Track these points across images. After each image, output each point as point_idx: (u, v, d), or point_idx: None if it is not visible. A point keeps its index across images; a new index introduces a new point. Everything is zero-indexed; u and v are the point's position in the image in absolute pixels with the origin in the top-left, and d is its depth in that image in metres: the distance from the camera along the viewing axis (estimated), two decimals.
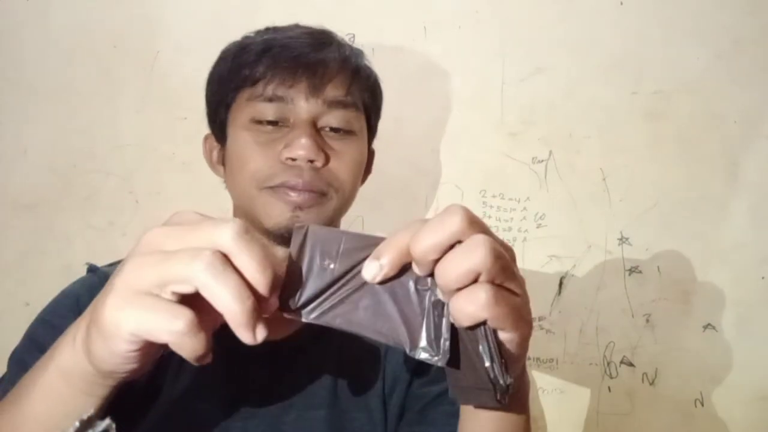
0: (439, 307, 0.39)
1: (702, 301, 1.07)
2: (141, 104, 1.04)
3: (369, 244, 0.39)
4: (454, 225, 0.36)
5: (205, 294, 0.34)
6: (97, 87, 1.04)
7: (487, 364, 0.37)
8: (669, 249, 1.07)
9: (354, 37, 1.02)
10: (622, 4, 1.04)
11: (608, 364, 1.08)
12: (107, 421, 0.37)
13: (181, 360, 0.64)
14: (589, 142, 1.06)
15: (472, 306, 0.36)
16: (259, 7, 1.01)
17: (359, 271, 0.39)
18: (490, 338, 0.38)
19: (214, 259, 0.33)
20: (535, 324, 1.08)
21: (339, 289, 0.39)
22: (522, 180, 1.07)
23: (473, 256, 0.35)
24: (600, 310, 1.08)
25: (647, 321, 1.08)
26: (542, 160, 1.07)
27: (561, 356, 1.09)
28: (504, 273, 0.36)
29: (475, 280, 0.36)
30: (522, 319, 0.38)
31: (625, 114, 1.06)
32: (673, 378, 1.08)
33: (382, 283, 0.38)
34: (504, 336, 0.38)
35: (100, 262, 0.73)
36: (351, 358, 0.68)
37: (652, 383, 1.08)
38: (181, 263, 0.34)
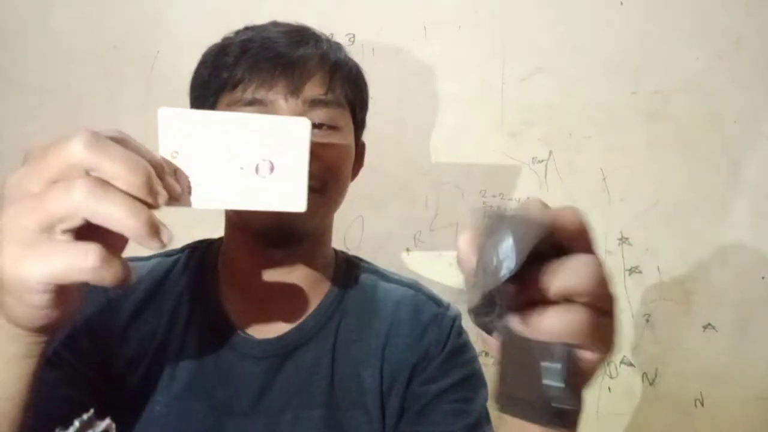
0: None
1: (702, 301, 1.07)
2: (141, 104, 1.04)
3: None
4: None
5: (97, 221, 0.33)
6: (98, 87, 1.04)
7: (558, 384, 0.34)
8: (669, 249, 1.07)
9: (354, 37, 1.02)
10: (622, 4, 1.04)
11: (608, 364, 1.08)
12: (107, 421, 0.37)
13: (176, 361, 0.65)
14: (589, 142, 1.06)
15: (560, 326, 0.33)
16: (259, 8, 1.01)
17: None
18: (565, 358, 0.34)
19: (89, 184, 0.32)
20: None
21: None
22: (522, 180, 1.07)
23: (576, 276, 0.32)
24: None
25: (647, 321, 1.08)
26: (542, 160, 1.07)
27: None
28: (601, 296, 0.33)
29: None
30: (608, 340, 0.35)
31: (625, 114, 1.06)
32: (673, 378, 1.08)
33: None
34: (583, 355, 0.35)
35: None
36: (348, 356, 0.68)
37: (652, 383, 1.08)
38: (58, 200, 0.32)
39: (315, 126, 0.64)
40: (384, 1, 1.04)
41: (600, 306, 0.33)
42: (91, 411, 0.37)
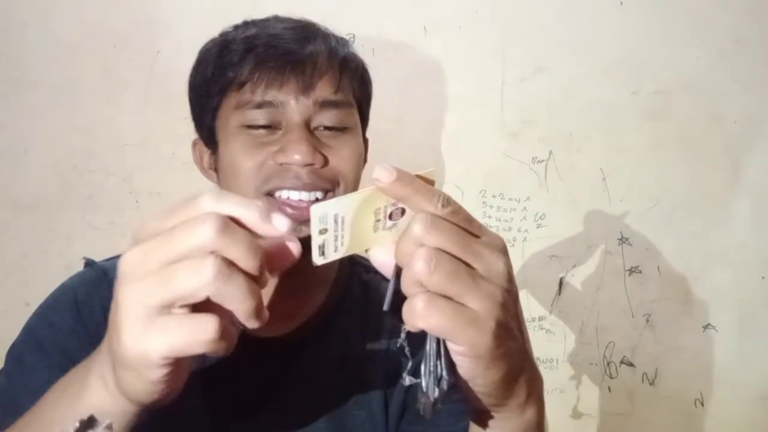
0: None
1: (702, 301, 1.07)
2: (141, 104, 1.04)
3: None
4: (414, 232, 0.36)
5: (218, 300, 0.34)
6: (98, 87, 1.04)
7: (422, 371, 0.38)
8: (669, 249, 1.07)
9: (354, 37, 1.02)
10: (622, 4, 1.04)
11: (608, 364, 1.08)
12: (108, 421, 0.37)
13: None
14: (589, 142, 1.06)
15: (409, 314, 0.36)
16: (258, 7, 1.01)
17: None
18: (431, 347, 0.37)
19: (219, 266, 0.33)
20: (535, 324, 1.08)
21: None
22: (522, 180, 1.07)
23: (414, 266, 0.35)
24: (600, 310, 1.08)
25: (647, 321, 1.08)
26: (542, 160, 1.07)
27: (561, 356, 1.09)
28: (452, 284, 0.36)
29: None
30: (472, 330, 0.36)
31: (626, 114, 1.06)
32: (673, 378, 1.08)
33: None
34: (452, 347, 0.37)
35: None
36: (352, 355, 0.68)
37: (652, 383, 1.08)
38: (186, 279, 0.33)
39: (326, 128, 0.64)
40: (384, 1, 1.04)
41: (445, 293, 0.36)
42: (91, 410, 0.37)
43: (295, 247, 0.38)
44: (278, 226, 0.36)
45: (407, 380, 0.39)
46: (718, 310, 1.07)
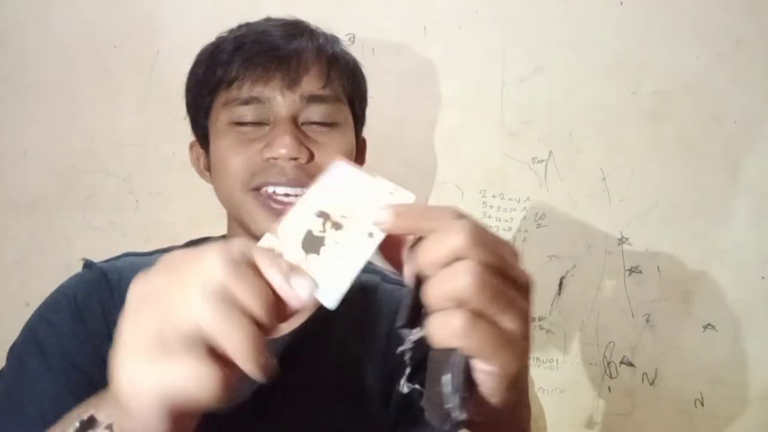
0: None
1: (702, 301, 1.07)
2: (141, 104, 1.04)
3: None
4: (454, 243, 0.33)
5: (208, 329, 0.32)
6: (98, 87, 1.04)
7: (447, 390, 0.35)
8: (669, 249, 1.07)
9: (354, 37, 1.02)
10: (622, 4, 1.04)
11: (608, 364, 1.08)
12: (108, 421, 0.37)
13: None
14: (589, 142, 1.06)
15: (444, 331, 0.33)
16: (258, 7, 1.00)
17: None
18: (458, 366, 0.35)
19: (213, 292, 0.32)
20: (535, 324, 1.08)
21: None
22: (522, 180, 1.07)
23: (457, 282, 0.33)
24: (600, 310, 1.08)
25: (647, 321, 1.08)
26: (542, 160, 1.07)
27: (561, 356, 1.09)
28: (494, 304, 0.33)
29: None
30: (507, 352, 0.34)
31: (625, 114, 1.06)
32: (673, 378, 1.08)
33: None
34: (481, 367, 0.35)
35: None
36: (351, 355, 0.68)
37: (652, 383, 1.08)
38: (182, 303, 0.32)
39: (314, 123, 0.64)
40: (384, 1, 1.04)
41: (484, 312, 0.33)
42: (92, 411, 0.37)
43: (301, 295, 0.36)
44: (299, 291, 0.35)
45: (405, 387, 0.38)
46: (718, 310, 1.07)
